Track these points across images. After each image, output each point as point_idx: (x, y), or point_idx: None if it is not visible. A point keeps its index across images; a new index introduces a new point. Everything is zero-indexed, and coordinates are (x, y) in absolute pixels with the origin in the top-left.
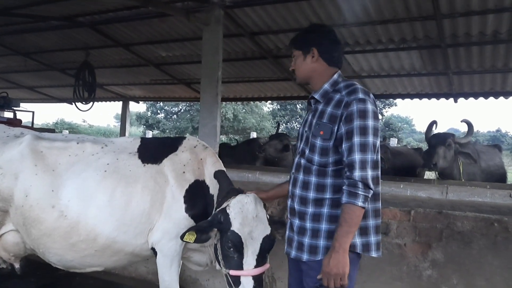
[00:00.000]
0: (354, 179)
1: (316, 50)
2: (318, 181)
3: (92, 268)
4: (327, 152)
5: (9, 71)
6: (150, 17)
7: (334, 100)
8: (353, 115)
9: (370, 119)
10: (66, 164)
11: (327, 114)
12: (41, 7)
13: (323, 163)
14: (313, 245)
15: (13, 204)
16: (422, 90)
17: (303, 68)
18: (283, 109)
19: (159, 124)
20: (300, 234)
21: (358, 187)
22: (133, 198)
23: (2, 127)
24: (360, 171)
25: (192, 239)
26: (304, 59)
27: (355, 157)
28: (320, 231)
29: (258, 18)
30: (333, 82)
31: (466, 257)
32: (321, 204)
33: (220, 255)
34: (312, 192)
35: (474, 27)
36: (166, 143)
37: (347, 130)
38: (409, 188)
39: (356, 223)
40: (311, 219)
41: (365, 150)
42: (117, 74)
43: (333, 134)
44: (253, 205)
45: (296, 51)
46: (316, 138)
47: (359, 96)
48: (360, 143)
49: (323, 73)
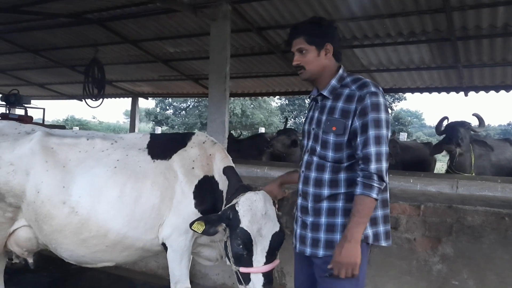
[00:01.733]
0: (370, 172)
1: (331, 47)
2: (332, 177)
3: (104, 263)
4: (341, 147)
5: (19, 68)
6: (157, 13)
7: (344, 95)
8: (367, 109)
9: (383, 112)
10: (76, 160)
11: (339, 109)
12: (50, 4)
13: (338, 159)
14: (329, 240)
15: (25, 200)
16: (432, 84)
17: (316, 64)
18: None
19: (168, 120)
20: (314, 230)
21: (373, 179)
22: (143, 193)
23: (14, 124)
24: (376, 164)
25: (200, 229)
26: (318, 55)
27: (371, 150)
28: (336, 225)
29: (265, 13)
30: (340, 78)
31: (476, 251)
32: (336, 198)
33: (230, 253)
34: (326, 188)
35: (484, 19)
36: (175, 138)
37: (362, 124)
38: (418, 183)
39: (368, 214)
40: (326, 214)
41: (380, 143)
42: (125, 71)
43: (346, 129)
44: (262, 202)
45: (307, 45)
46: (329, 134)
47: (372, 90)
48: (375, 135)
49: (332, 69)
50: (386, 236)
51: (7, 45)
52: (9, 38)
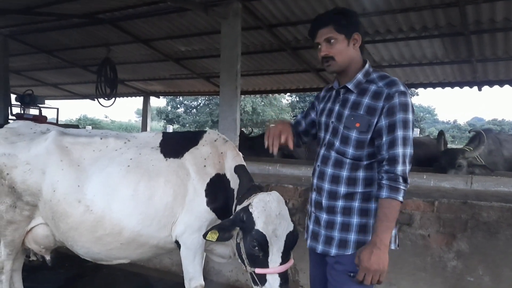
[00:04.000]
0: (396, 174)
1: (359, 37)
2: (350, 175)
3: (119, 260)
4: (363, 145)
5: (34, 69)
6: (169, 12)
7: (371, 91)
8: (395, 108)
9: (410, 113)
10: (90, 159)
11: (364, 105)
12: (63, 5)
13: (358, 157)
14: (343, 239)
15: (42, 199)
16: (445, 79)
17: (346, 55)
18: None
19: (179, 118)
20: (328, 228)
21: (399, 181)
22: (156, 191)
23: (29, 123)
24: (402, 166)
25: (214, 238)
26: (348, 45)
27: (398, 151)
28: (351, 225)
29: (276, 10)
30: (366, 72)
31: (492, 247)
32: (352, 197)
33: (244, 254)
34: (343, 186)
35: (498, 13)
36: (187, 137)
37: (389, 123)
38: (432, 179)
39: (395, 217)
40: (341, 212)
41: (406, 144)
42: (137, 70)
43: (371, 127)
44: (276, 203)
45: (336, 34)
46: (351, 130)
47: (401, 89)
48: (403, 136)
49: (358, 62)
50: (394, 239)
51: (21, 46)
52: (23, 39)
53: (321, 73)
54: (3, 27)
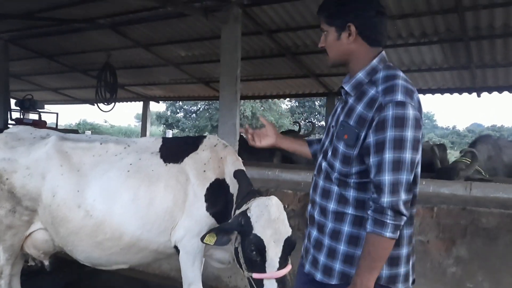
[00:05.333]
0: (382, 205)
1: (353, 27)
2: (340, 192)
3: (118, 265)
4: (349, 160)
5: (34, 74)
6: (169, 17)
7: (367, 96)
8: (386, 122)
9: (409, 129)
10: (90, 164)
11: (356, 114)
12: (63, 10)
13: (344, 173)
14: (328, 267)
15: (41, 204)
16: (444, 85)
17: (337, 49)
18: (301, 106)
19: (179, 123)
20: (316, 248)
21: (386, 214)
22: (156, 196)
23: (29, 128)
24: (391, 196)
25: (212, 241)
26: (339, 38)
27: (385, 178)
28: (338, 252)
29: (276, 16)
30: (371, 70)
31: (491, 253)
32: (342, 219)
33: (242, 259)
34: (333, 203)
35: (497, 19)
36: (187, 142)
37: (376, 141)
38: (431, 185)
39: (382, 257)
40: (329, 235)
41: (399, 169)
42: (137, 75)
43: (358, 141)
44: (274, 207)
45: (326, 26)
46: (339, 142)
47: (397, 99)
48: (394, 159)
49: (363, 55)
50: (405, 278)
51: (22, 51)
52: (24, 44)
53: (321, 78)
54: (3, 31)
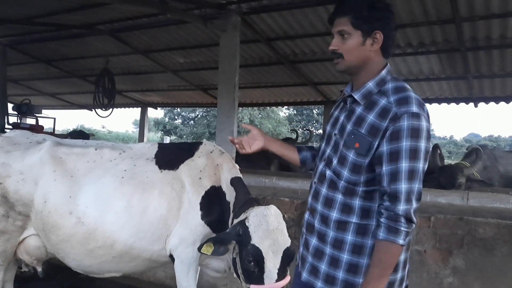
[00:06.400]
0: (397, 213)
1: (381, 36)
2: (345, 201)
3: (110, 273)
4: (359, 169)
5: (32, 78)
6: (168, 24)
7: (379, 106)
8: (401, 132)
9: (423, 140)
10: (84, 170)
11: (367, 123)
12: (62, 15)
13: (353, 181)
14: (331, 275)
15: (33, 209)
16: (442, 95)
17: (359, 54)
18: (299, 114)
19: (177, 129)
20: (316, 257)
21: (400, 222)
22: (150, 204)
23: (26, 133)
24: (406, 204)
25: (209, 251)
26: (363, 43)
27: (401, 187)
28: (341, 261)
29: (274, 24)
30: (380, 81)
31: (488, 264)
32: (345, 228)
33: (240, 269)
34: (336, 212)
35: (494, 30)
36: (183, 148)
37: (391, 150)
38: (428, 194)
39: (393, 264)
40: (332, 244)
41: (413, 178)
42: (135, 81)
43: (371, 150)
44: (273, 217)
45: (351, 28)
46: (349, 150)
47: (412, 110)
48: (409, 169)
49: (375, 66)
50: (400, 283)
51: (20, 56)
52: (22, 49)
53: (319, 86)
54: (2, 36)
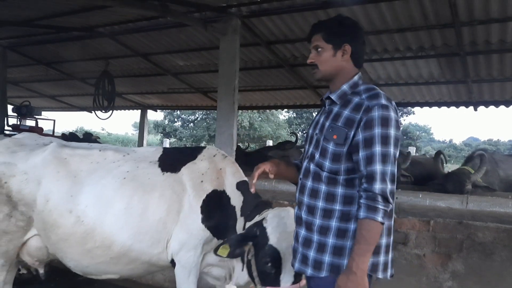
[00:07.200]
0: (374, 192)
1: (349, 48)
2: (329, 190)
3: (108, 275)
4: (339, 158)
5: (31, 81)
6: (168, 27)
7: (353, 103)
8: (373, 121)
9: (392, 128)
10: (87, 171)
11: (343, 117)
12: (62, 18)
13: (334, 170)
14: (318, 260)
15: (35, 209)
16: (441, 99)
17: (330, 65)
18: (299, 117)
19: (176, 132)
20: (305, 246)
21: (377, 200)
22: (150, 206)
23: (34, 136)
24: (381, 184)
25: (225, 253)
26: (334, 55)
27: (376, 168)
28: (327, 245)
29: (274, 27)
30: (353, 84)
31: (487, 268)
32: (330, 215)
33: (255, 271)
34: (321, 201)
35: (494, 34)
36: (186, 152)
37: (366, 137)
38: (428, 198)
39: (375, 240)
40: (318, 231)
41: (386, 161)
42: (135, 83)
43: (347, 140)
44: (291, 219)
45: (323, 43)
46: (329, 142)
47: (382, 102)
48: (382, 153)
49: (348, 73)
50: (384, 267)
51: (20, 58)
52: (22, 51)
53: (318, 90)
54: (2, 38)
